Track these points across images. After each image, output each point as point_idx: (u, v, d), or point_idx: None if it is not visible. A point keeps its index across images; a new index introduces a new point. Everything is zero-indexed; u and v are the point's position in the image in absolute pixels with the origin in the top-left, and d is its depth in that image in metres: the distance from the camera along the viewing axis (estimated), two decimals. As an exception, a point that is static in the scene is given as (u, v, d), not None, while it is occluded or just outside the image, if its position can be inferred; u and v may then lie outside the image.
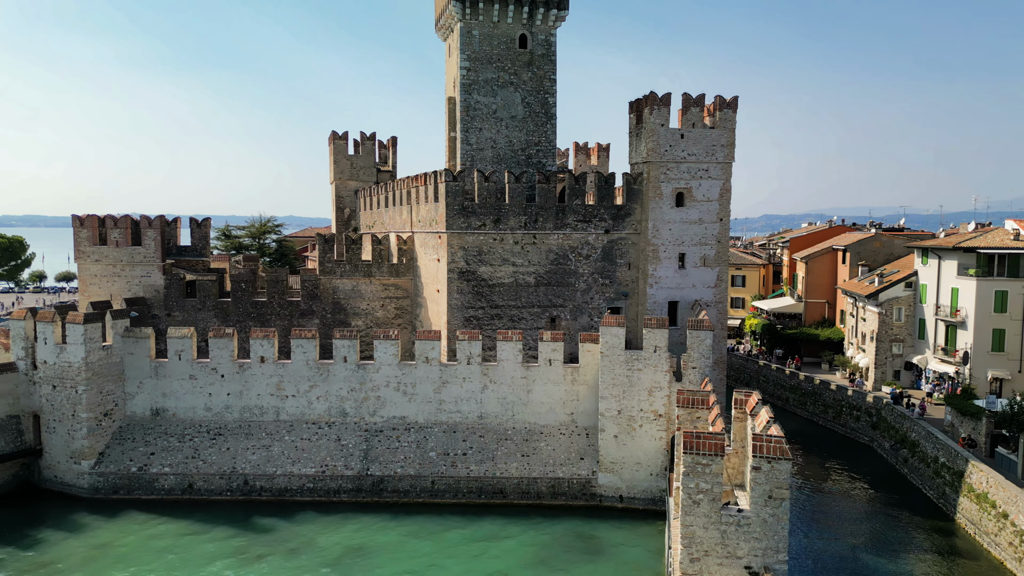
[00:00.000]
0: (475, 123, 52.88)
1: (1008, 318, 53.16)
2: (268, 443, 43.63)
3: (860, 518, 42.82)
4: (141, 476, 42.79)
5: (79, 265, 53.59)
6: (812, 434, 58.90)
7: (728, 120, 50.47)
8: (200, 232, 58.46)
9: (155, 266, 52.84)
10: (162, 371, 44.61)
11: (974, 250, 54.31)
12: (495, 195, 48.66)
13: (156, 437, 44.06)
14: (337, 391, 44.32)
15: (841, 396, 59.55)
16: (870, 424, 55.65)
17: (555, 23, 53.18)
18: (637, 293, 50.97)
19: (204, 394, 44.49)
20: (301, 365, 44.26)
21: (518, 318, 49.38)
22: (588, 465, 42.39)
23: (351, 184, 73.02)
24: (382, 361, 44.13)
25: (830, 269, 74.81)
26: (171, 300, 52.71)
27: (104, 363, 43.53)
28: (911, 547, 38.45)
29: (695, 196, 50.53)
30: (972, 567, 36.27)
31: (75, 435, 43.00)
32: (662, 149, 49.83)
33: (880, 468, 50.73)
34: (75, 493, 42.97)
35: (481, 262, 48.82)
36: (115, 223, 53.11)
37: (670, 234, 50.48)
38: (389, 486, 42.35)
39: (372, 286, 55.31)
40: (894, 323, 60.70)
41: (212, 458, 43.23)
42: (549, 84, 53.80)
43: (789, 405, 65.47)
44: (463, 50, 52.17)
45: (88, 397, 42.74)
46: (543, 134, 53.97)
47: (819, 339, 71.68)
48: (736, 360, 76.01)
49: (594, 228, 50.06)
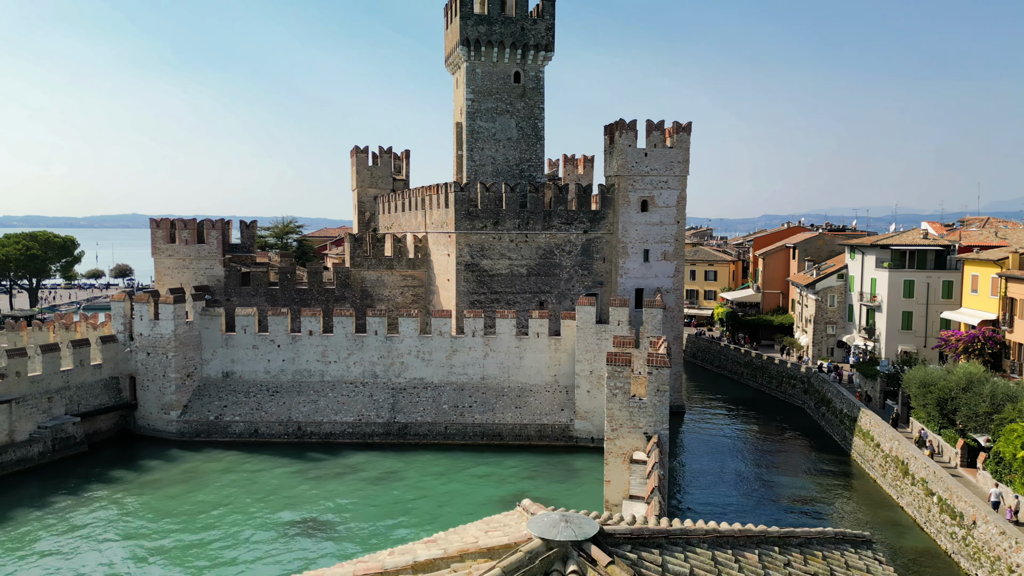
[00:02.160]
0: (478, 144, 64.74)
1: (915, 302, 64.89)
2: (315, 398, 55.44)
3: (780, 455, 54.63)
4: (217, 423, 54.63)
5: (155, 259, 65.38)
6: (759, 400, 70.65)
7: (683, 141, 62.32)
8: (248, 232, 70.26)
9: (217, 260, 64.64)
10: (231, 342, 56.44)
11: (888, 247, 66.09)
12: (494, 202, 60.44)
13: (227, 393, 55.90)
14: (369, 358, 56.11)
15: (782, 369, 71.38)
16: (802, 390, 67.45)
17: (543, 62, 65.03)
18: (610, 282, 62.75)
19: (264, 360, 56.32)
20: (341, 337, 56.06)
21: (513, 301, 61.14)
22: (567, 414, 54.17)
23: (371, 191, 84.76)
24: (405, 334, 55.91)
25: (784, 264, 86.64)
26: (230, 288, 64.47)
27: (187, 335, 55.37)
28: (811, 472, 50.25)
29: (657, 203, 62.38)
30: (852, 483, 48.04)
31: (165, 391, 54.83)
32: (630, 165, 61.69)
33: (805, 423, 62.53)
34: (165, 437, 54.77)
35: (483, 256, 60.63)
36: (184, 225, 64.88)
37: (636, 234, 62.32)
38: (411, 431, 54.15)
39: (393, 276, 67.10)
40: (828, 308, 72.52)
41: (272, 410, 55.05)
42: (538, 112, 65.66)
43: (743, 378, 77.27)
44: (468, 84, 64.00)
45: (176, 361, 54.56)
46: (533, 152, 65.83)
47: (773, 324, 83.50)
48: (703, 343, 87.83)
49: (575, 229, 61.86)
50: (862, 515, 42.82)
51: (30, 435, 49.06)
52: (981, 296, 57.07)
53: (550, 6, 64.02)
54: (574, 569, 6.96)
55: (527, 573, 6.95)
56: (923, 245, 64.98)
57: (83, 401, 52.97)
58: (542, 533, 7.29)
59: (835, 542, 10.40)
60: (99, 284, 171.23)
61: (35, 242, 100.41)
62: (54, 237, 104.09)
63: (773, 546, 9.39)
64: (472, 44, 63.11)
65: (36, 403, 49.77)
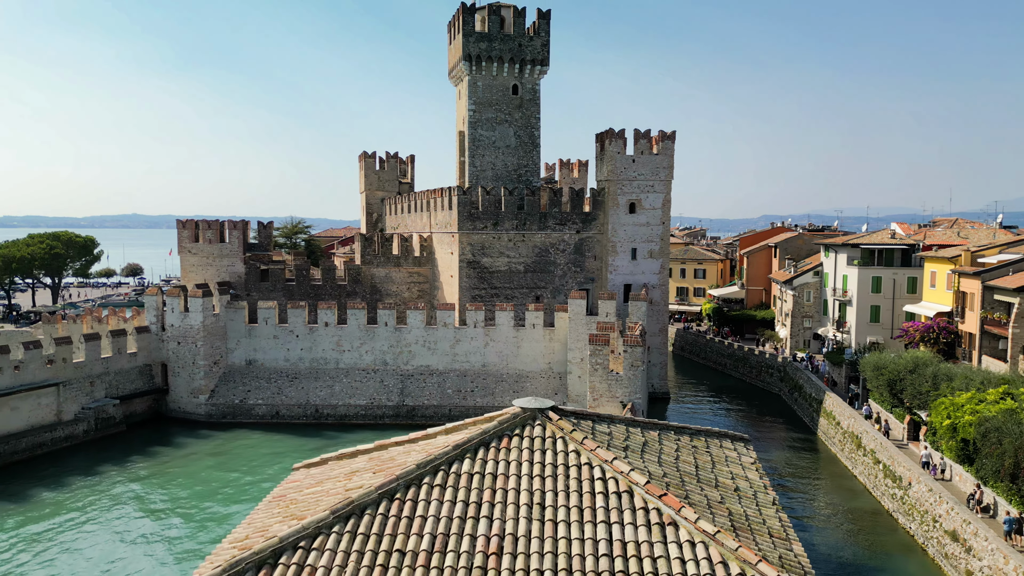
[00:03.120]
0: (479, 151, 70.14)
1: (882, 297, 70.24)
2: (331, 383, 60.81)
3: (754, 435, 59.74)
4: (241, 406, 60.00)
5: (181, 257, 70.75)
6: (740, 388, 76.04)
7: (668, 149, 67.73)
8: (265, 232, 75.70)
9: (238, 258, 69.99)
10: (253, 332, 61.81)
11: (858, 246, 71.47)
12: (494, 204, 65.82)
13: (251, 379, 61.28)
14: (380, 347, 61.48)
15: (761, 359, 76.80)
16: (779, 378, 72.84)
17: (539, 75, 70.44)
18: (601, 278, 68.15)
19: (284, 349, 61.69)
20: (355, 328, 61.43)
21: (511, 296, 66.52)
22: (560, 398, 59.51)
23: (378, 194, 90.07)
24: (412, 325, 61.28)
25: (766, 262, 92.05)
26: (250, 283, 69.83)
27: (214, 326, 60.75)
28: (780, 448, 55.65)
29: (644, 205, 67.79)
30: (816, 457, 53.45)
31: (194, 377, 60.19)
32: (619, 170, 67.10)
33: (780, 407, 67.92)
34: (194, 419, 60.11)
35: (484, 254, 66.01)
36: (208, 225, 70.22)
37: (625, 234, 67.73)
38: (419, 413, 59.49)
39: (400, 273, 72.50)
40: (805, 303, 77.91)
41: (291, 394, 60.43)
42: (535, 121, 71.07)
43: (726, 369, 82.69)
44: (470, 96, 69.40)
45: (204, 350, 59.92)
46: (530, 159, 71.25)
47: (756, 318, 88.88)
48: (690, 336, 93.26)
49: (568, 229, 67.24)
50: (822, 483, 48.22)
51: (75, 415, 54.46)
52: (938, 290, 62.44)
53: (545, 24, 69.42)
54: (540, 422, 12.26)
55: (511, 424, 12.27)
56: (890, 244, 70.37)
57: (121, 385, 58.35)
58: (522, 405, 12.58)
59: (718, 436, 15.74)
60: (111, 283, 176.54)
61: (58, 241, 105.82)
62: (76, 237, 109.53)
63: (671, 431, 14.74)
64: (474, 59, 68.49)
65: (80, 386, 55.16)
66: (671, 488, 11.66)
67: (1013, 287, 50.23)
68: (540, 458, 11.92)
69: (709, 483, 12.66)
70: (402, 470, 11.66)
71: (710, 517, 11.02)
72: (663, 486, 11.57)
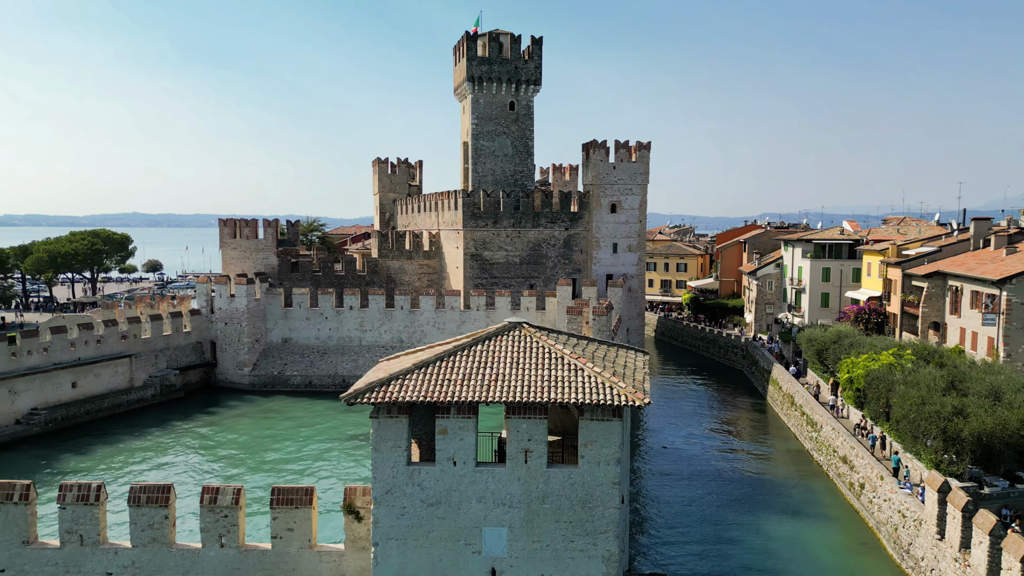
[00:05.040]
0: (481, 159, 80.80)
1: (831, 285, 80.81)
2: (355, 358, 71.44)
3: (716, 400, 70.73)
4: (279, 377, 70.67)
5: (223, 251, 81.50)
6: (711, 366, 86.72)
7: (644, 156, 78.42)
8: (293, 229, 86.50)
9: (271, 252, 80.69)
10: (289, 315, 72.46)
11: (811, 241, 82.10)
12: (494, 205, 76.44)
13: (287, 354, 71.96)
14: (396, 327, 72.09)
15: (727, 341, 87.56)
16: (742, 356, 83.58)
17: (532, 93, 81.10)
18: (586, 269, 78.80)
19: (315, 329, 72.36)
20: (375, 311, 72.06)
21: (508, 284, 77.14)
22: (550, 369, 70.16)
23: (390, 195, 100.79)
24: (424, 309, 71.89)
25: (737, 256, 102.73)
26: (282, 274, 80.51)
27: (256, 309, 71.41)
28: (736, 409, 66.35)
29: (623, 206, 78.50)
30: (763, 416, 64.15)
31: (239, 352, 70.85)
32: (601, 176, 77.79)
33: (741, 381, 78.63)
34: (239, 388, 70.73)
35: (485, 248, 76.66)
36: (246, 224, 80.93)
37: (607, 230, 78.42)
38: (430, 382, 70.10)
39: (412, 265, 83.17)
40: (768, 291, 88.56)
41: (322, 367, 71.09)
42: (529, 133, 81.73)
43: (699, 350, 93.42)
44: (473, 111, 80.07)
45: (248, 329, 70.57)
46: (525, 166, 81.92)
47: (728, 306, 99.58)
48: (670, 323, 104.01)
49: (558, 227, 77.86)
50: (764, 434, 58.90)
51: (144, 382, 65.15)
52: (873, 279, 73.11)
53: (538, 49, 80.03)
54: (518, 330, 22.88)
55: (501, 330, 22.89)
56: (837, 240, 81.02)
57: (179, 359, 69.04)
58: (508, 319, 23.13)
59: (628, 348, 26.38)
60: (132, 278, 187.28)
61: (98, 238, 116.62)
62: (113, 235, 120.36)
63: (598, 343, 25.39)
64: (476, 80, 79.15)
65: (147, 358, 65.86)
66: (585, 358, 22.27)
67: (923, 274, 60.90)
68: (517, 344, 22.46)
69: (610, 361, 23.21)
70: (443, 350, 22.21)
71: (601, 369, 21.59)
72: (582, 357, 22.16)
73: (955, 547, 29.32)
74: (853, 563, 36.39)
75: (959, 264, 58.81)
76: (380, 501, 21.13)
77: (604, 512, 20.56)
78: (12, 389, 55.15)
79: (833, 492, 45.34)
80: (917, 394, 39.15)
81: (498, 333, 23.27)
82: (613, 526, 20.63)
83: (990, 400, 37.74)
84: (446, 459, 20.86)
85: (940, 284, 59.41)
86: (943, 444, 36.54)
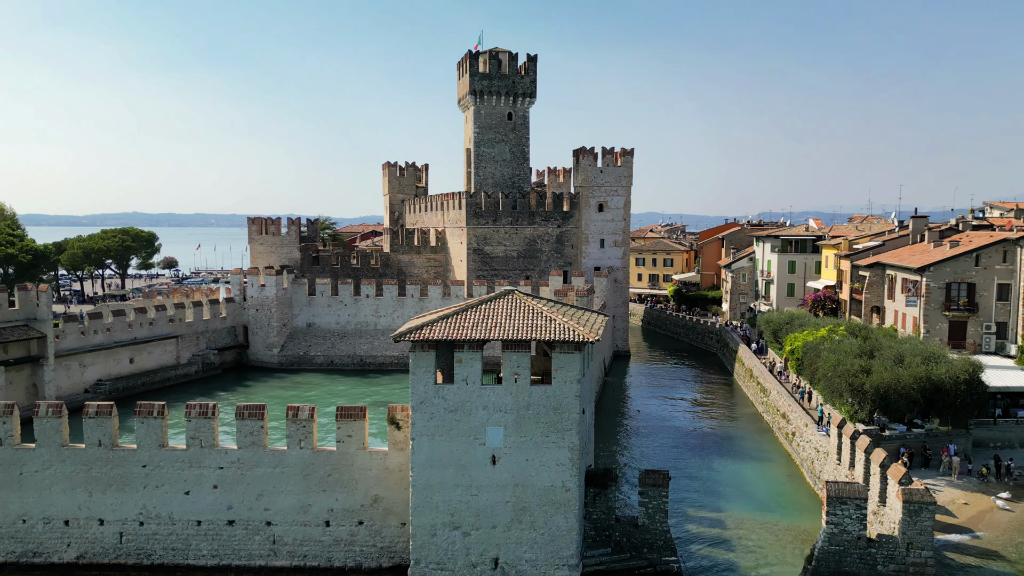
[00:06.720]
0: (482, 164, 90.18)
1: (796, 276, 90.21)
2: (372, 340, 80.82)
3: (690, 377, 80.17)
4: (305, 356, 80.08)
5: (251, 246, 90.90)
6: (690, 350, 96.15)
7: (628, 162, 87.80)
8: (312, 227, 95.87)
9: (295, 247, 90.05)
10: (312, 302, 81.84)
11: (779, 237, 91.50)
12: (494, 205, 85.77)
13: (311, 337, 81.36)
14: (408, 313, 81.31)
15: (704, 327, 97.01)
16: (716, 340, 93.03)
17: (528, 105, 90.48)
18: (576, 262, 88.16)
19: (336, 314, 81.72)
20: (389, 299, 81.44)
21: (507, 275, 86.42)
22: (543, 350, 79.58)
23: (399, 196, 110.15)
24: (432, 297, 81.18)
25: (717, 252, 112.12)
26: (304, 266, 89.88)
27: (283, 297, 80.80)
28: (705, 383, 75.74)
29: (609, 206, 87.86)
30: (729, 388, 73.57)
31: (269, 335, 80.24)
32: (590, 179, 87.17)
33: (715, 362, 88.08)
34: (269, 366, 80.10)
35: (486, 244, 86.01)
36: (272, 222, 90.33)
37: (595, 228, 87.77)
38: (438, 361, 79.54)
39: (420, 259, 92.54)
40: (741, 283, 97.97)
41: (342, 348, 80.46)
42: (525, 140, 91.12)
43: (680, 336, 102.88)
44: (475, 122, 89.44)
45: (276, 315, 79.95)
46: (522, 170, 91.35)
47: (708, 297, 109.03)
48: (655, 312, 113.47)
49: (551, 224, 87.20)
50: (727, 402, 68.29)
51: (188, 360, 74.54)
52: (829, 270, 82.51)
53: (533, 65, 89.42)
54: (512, 296, 32.27)
55: (497, 295, 32.31)
56: (802, 236, 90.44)
57: (217, 340, 78.44)
58: (504, 287, 32.34)
59: (591, 311, 35.76)
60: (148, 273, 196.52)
61: (128, 236, 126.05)
62: (141, 232, 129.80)
63: (572, 307, 34.79)
64: (477, 93, 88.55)
65: (190, 339, 75.26)
66: (558, 313, 31.65)
67: (866, 265, 70.28)
68: (510, 306, 31.86)
69: (576, 318, 32.61)
70: (458, 307, 31.63)
71: (568, 318, 30.96)
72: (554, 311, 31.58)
73: (845, 466, 38.77)
74: (779, 488, 45.82)
75: (895, 256, 68.22)
76: (416, 408, 30.51)
77: (569, 416, 29.88)
78: (82, 363, 64.58)
79: (774, 442, 54.80)
80: (835, 358, 48.63)
81: (496, 297, 32.64)
82: (575, 426, 29.92)
83: (891, 362, 47.18)
84: (461, 380, 30.18)
85: (880, 273, 68.78)
86: (851, 396, 46.01)
